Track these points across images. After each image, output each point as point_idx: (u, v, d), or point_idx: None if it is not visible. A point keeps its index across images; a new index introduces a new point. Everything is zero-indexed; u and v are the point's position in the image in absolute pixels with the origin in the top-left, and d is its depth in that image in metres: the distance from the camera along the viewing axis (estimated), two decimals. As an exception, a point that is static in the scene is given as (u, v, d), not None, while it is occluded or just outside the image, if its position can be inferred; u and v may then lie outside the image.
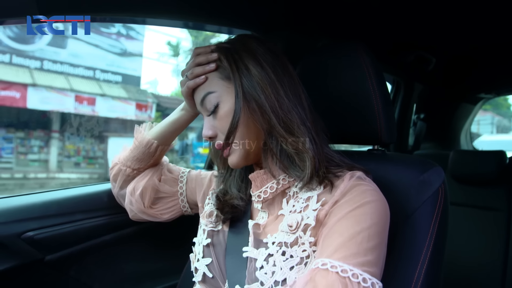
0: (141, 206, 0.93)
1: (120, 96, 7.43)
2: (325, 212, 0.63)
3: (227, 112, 0.69)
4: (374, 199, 0.62)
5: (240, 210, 0.76)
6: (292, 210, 0.68)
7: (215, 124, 0.71)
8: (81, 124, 4.53)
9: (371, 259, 0.56)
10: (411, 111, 2.13)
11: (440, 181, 0.74)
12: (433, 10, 1.21)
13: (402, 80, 2.03)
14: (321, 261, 0.56)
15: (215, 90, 0.70)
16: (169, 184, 0.96)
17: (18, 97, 6.10)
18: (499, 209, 1.77)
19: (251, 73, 0.68)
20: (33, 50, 6.61)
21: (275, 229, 0.68)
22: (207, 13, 1.06)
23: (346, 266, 0.54)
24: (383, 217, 0.62)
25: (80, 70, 7.10)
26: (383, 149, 0.88)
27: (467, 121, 2.61)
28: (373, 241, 0.57)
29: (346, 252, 0.55)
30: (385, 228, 0.61)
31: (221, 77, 0.70)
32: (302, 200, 0.67)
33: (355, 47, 0.82)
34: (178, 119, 0.89)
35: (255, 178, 0.74)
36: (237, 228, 0.75)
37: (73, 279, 1.04)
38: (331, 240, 0.58)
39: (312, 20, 1.21)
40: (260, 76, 0.67)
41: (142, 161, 0.92)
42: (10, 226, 0.93)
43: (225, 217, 0.77)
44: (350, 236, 0.57)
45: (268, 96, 0.67)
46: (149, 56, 9.17)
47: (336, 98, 0.83)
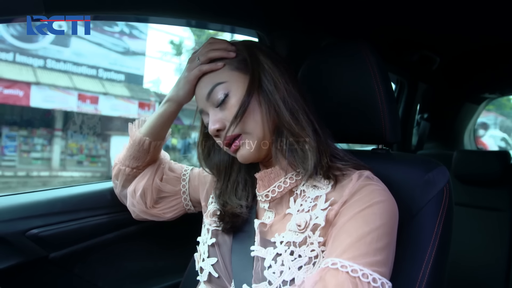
0: (143, 207, 0.93)
1: (123, 95, 7.44)
2: (334, 212, 0.63)
3: (239, 100, 0.68)
4: (383, 199, 0.62)
5: (242, 217, 0.75)
6: (299, 209, 0.68)
7: (223, 116, 0.70)
8: (84, 122, 4.54)
9: (381, 259, 0.56)
10: (414, 110, 2.12)
11: (444, 181, 0.74)
12: (438, 9, 1.21)
13: (406, 79, 2.03)
14: (331, 260, 0.56)
15: (226, 80, 0.70)
16: (171, 183, 0.96)
17: (21, 96, 6.12)
18: (502, 210, 1.76)
19: (265, 65, 0.71)
20: (37, 48, 6.63)
21: (283, 228, 0.68)
22: (212, 11, 1.06)
23: (356, 266, 0.54)
24: (392, 217, 0.62)
25: (83, 68, 7.12)
26: (387, 148, 0.88)
27: (471, 121, 2.60)
28: (382, 241, 0.57)
29: (355, 252, 0.55)
30: (394, 228, 0.61)
31: (232, 68, 0.71)
32: (310, 199, 0.67)
33: (359, 46, 0.81)
34: (164, 111, 0.87)
35: (263, 177, 0.73)
36: (242, 227, 0.75)
37: (77, 277, 1.04)
38: (341, 240, 0.58)
39: (317, 19, 1.20)
40: (272, 68, 0.70)
41: (139, 159, 0.92)
42: (14, 224, 0.94)
43: (225, 227, 0.75)
44: (359, 236, 0.57)
45: (279, 87, 0.69)
46: (152, 55, 9.16)
47: (341, 97, 0.83)
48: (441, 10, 1.21)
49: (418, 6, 1.18)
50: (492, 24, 1.36)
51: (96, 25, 7.03)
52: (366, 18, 1.25)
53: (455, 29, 1.42)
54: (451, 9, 1.21)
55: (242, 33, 1.32)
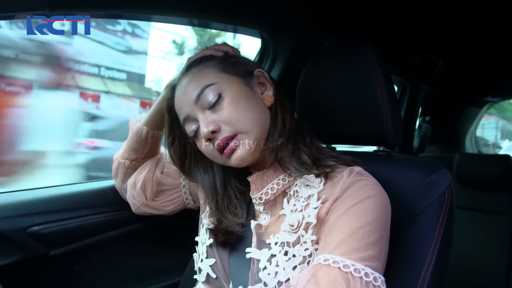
0: (143, 199, 0.93)
1: (125, 94, 7.45)
2: (326, 209, 0.63)
3: (233, 98, 0.67)
4: (374, 194, 0.62)
5: (236, 235, 0.72)
6: (293, 209, 0.68)
7: (217, 117, 0.67)
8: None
9: (373, 253, 0.56)
10: (416, 113, 2.12)
11: (446, 183, 0.74)
12: (441, 12, 1.21)
13: (408, 82, 2.02)
14: (323, 257, 0.56)
15: (216, 82, 0.69)
16: (171, 176, 0.95)
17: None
18: (503, 213, 1.76)
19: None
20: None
21: (277, 230, 0.68)
22: (216, 11, 1.06)
23: (348, 261, 0.54)
24: (384, 212, 0.62)
25: (85, 67, 7.12)
26: (389, 150, 0.87)
27: (473, 124, 2.60)
28: (374, 235, 0.57)
29: (347, 247, 0.55)
30: (386, 222, 0.61)
31: (219, 70, 0.70)
32: (303, 198, 0.67)
33: (362, 47, 0.81)
34: (162, 98, 0.86)
35: (255, 180, 0.73)
36: (236, 242, 0.74)
37: (77, 275, 1.04)
38: (332, 237, 0.58)
39: (320, 19, 1.20)
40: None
41: (138, 151, 0.93)
42: (15, 221, 0.94)
43: (217, 241, 0.74)
44: (351, 232, 0.57)
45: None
46: (154, 54, 9.19)
47: (343, 98, 0.83)
48: (444, 12, 1.21)
49: (421, 8, 1.18)
50: (496, 26, 1.35)
51: (98, 24, 7.04)
52: (370, 20, 1.25)
53: (458, 31, 1.41)
54: (454, 11, 1.20)
55: (245, 33, 1.32)
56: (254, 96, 0.71)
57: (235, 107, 0.67)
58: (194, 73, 0.71)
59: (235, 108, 0.67)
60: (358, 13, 1.20)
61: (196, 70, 0.72)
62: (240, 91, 0.69)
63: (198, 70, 0.71)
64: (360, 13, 1.20)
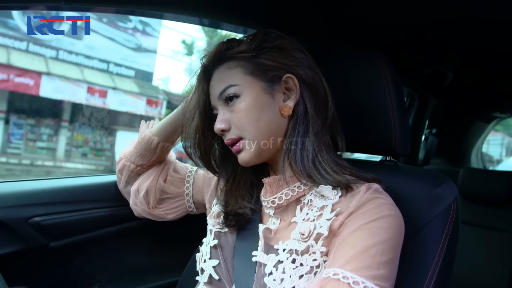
0: (145, 207, 0.94)
1: (132, 91, 7.48)
2: (339, 222, 0.62)
3: (247, 106, 0.68)
4: (390, 214, 0.61)
5: (245, 218, 0.74)
6: (305, 218, 0.67)
7: (230, 118, 0.70)
8: (93, 114, 4.56)
9: (384, 273, 0.55)
10: (423, 125, 2.11)
11: (452, 197, 0.73)
12: (453, 26, 1.20)
13: (417, 93, 2.02)
14: (333, 270, 0.55)
15: (239, 84, 0.69)
16: (175, 185, 0.96)
17: (31, 85, 6.17)
18: (507, 231, 1.74)
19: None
20: (50, 39, 6.68)
21: (287, 236, 0.67)
22: (229, 12, 1.06)
23: (358, 278, 0.53)
24: (399, 233, 0.61)
25: (94, 62, 7.17)
26: (395, 160, 0.87)
27: (479, 139, 2.58)
28: (386, 255, 0.56)
29: (358, 264, 0.54)
30: (399, 243, 0.61)
31: (246, 72, 0.70)
32: (316, 208, 0.66)
33: (374, 55, 0.81)
34: (178, 114, 0.87)
35: (271, 183, 0.72)
36: (246, 231, 0.74)
37: (76, 268, 1.04)
38: (344, 251, 0.57)
39: (332, 26, 1.20)
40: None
41: (145, 157, 0.93)
42: (18, 210, 0.94)
43: (228, 224, 0.75)
44: (363, 249, 0.56)
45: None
46: (163, 53, 9.23)
47: (352, 105, 0.83)
48: (456, 27, 1.20)
49: (433, 21, 1.17)
50: (508, 43, 1.34)
51: (110, 20, 7.09)
52: (383, 29, 1.25)
53: (470, 45, 1.41)
54: (466, 26, 1.20)
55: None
56: (271, 105, 0.70)
57: (245, 114, 0.68)
58: (224, 68, 0.72)
59: (245, 115, 0.68)
60: (372, 22, 1.19)
61: (227, 65, 0.72)
62: (257, 99, 0.69)
63: (227, 68, 0.71)
64: (374, 21, 1.19)
